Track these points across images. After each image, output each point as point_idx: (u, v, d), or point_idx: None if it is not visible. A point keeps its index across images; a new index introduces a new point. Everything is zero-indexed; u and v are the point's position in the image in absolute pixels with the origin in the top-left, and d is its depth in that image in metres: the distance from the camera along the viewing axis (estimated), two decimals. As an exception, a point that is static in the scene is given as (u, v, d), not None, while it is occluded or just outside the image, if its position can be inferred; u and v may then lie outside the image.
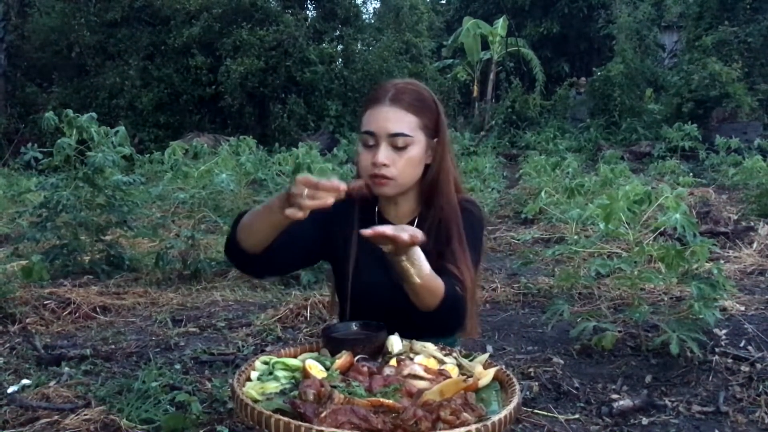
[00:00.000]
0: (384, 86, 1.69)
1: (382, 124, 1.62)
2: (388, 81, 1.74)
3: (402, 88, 1.66)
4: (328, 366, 1.38)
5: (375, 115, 1.64)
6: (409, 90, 1.66)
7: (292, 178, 3.88)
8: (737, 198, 8.44)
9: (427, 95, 1.69)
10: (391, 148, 1.61)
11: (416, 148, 1.64)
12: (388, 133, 1.61)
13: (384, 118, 1.62)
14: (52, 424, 2.63)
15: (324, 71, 16.76)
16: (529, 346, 3.69)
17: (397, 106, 1.63)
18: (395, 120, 1.62)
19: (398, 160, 1.62)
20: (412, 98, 1.65)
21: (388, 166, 1.61)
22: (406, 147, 1.62)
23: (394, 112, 1.62)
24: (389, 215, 1.75)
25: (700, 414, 2.80)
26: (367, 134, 1.63)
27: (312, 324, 4.00)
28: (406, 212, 1.75)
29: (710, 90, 14.12)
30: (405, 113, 1.63)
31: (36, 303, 4.20)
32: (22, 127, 16.56)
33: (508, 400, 1.28)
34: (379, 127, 1.62)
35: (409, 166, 1.64)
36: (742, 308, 4.10)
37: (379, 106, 1.64)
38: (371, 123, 1.64)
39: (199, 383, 3.07)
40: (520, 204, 8.11)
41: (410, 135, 1.62)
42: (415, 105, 1.64)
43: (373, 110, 1.65)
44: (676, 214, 3.15)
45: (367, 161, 1.64)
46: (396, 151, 1.62)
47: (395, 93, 1.64)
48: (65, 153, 5.10)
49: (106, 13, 17.10)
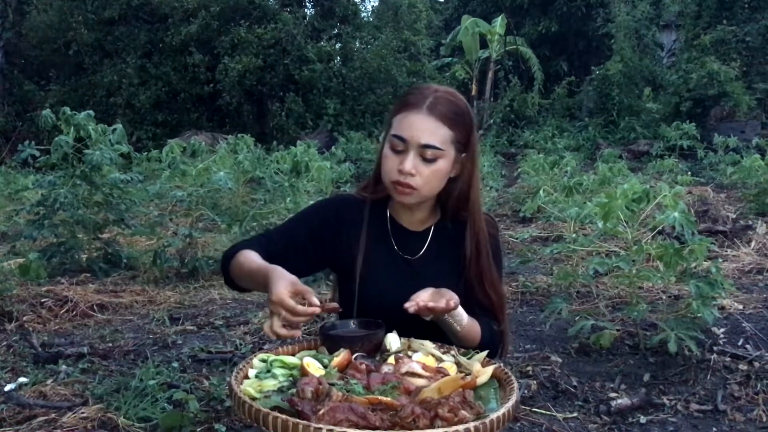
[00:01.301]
0: (423, 91, 1.61)
1: (416, 133, 1.55)
2: (427, 85, 1.67)
3: (441, 97, 1.59)
4: (326, 364, 1.38)
5: (409, 120, 1.57)
6: (447, 100, 1.60)
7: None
8: (735, 197, 8.45)
9: (465, 109, 1.63)
10: (420, 158, 1.56)
11: (444, 162, 1.59)
12: (419, 144, 1.55)
13: (418, 127, 1.56)
14: (49, 422, 2.62)
15: (322, 69, 16.75)
16: (527, 344, 3.69)
17: (434, 117, 1.56)
18: (429, 131, 1.56)
19: (425, 171, 1.57)
20: (448, 110, 1.58)
21: (413, 175, 1.56)
22: (435, 159, 1.57)
23: (429, 122, 1.56)
24: (402, 220, 1.71)
25: (698, 412, 2.80)
26: (398, 139, 1.57)
27: (310, 322, 3.99)
28: (420, 220, 1.71)
29: (708, 89, 14.14)
30: (440, 125, 1.56)
31: (33, 301, 4.20)
32: (20, 125, 16.55)
33: (507, 397, 1.27)
34: (412, 135, 1.56)
35: (434, 179, 1.59)
36: (740, 307, 4.11)
37: (415, 113, 1.57)
38: (404, 129, 1.57)
39: (196, 381, 3.06)
40: (519, 203, 8.12)
41: (441, 149, 1.56)
42: (450, 118, 1.58)
43: (407, 114, 1.58)
44: (674, 212, 3.15)
45: (393, 166, 1.58)
46: (424, 162, 1.56)
47: (433, 101, 1.57)
48: (63, 151, 5.09)
49: (103, 11, 17.09)
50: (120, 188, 5.40)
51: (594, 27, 19.57)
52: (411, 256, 1.68)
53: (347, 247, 1.68)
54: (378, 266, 1.67)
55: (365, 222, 1.68)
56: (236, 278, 1.65)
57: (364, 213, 1.69)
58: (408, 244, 1.69)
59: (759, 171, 7.87)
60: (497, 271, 1.71)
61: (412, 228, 1.70)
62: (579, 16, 20.58)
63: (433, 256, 1.68)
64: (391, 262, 1.68)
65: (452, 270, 1.67)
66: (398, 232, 1.70)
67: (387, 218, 1.71)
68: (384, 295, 1.63)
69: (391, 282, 1.64)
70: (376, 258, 1.67)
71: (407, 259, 1.67)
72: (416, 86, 1.70)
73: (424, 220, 1.72)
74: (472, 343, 1.58)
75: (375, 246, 1.67)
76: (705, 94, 14.23)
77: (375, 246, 1.67)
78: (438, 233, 1.69)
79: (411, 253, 1.68)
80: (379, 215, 1.71)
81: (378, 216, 1.70)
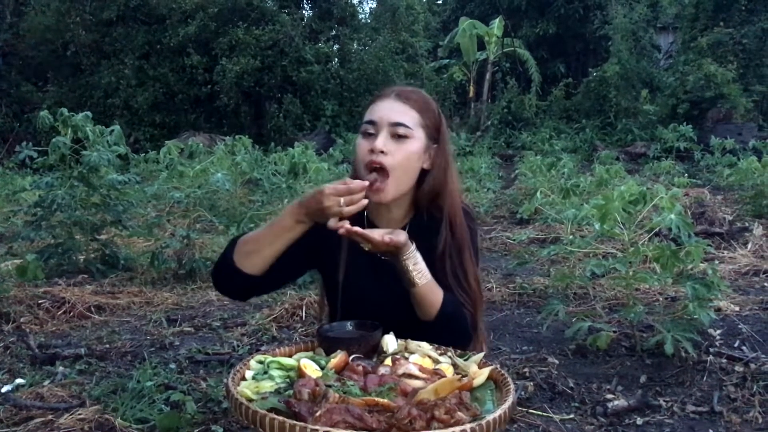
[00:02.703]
0: (390, 86, 1.72)
1: (385, 113, 1.63)
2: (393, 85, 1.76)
3: (407, 89, 1.69)
4: (323, 365, 1.38)
5: (378, 106, 1.66)
6: (414, 91, 1.70)
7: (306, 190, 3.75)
8: (732, 199, 8.46)
9: (432, 102, 1.71)
10: (391, 137, 1.61)
11: (415, 144, 1.62)
12: (389, 122, 1.61)
13: (387, 108, 1.64)
14: (46, 423, 2.62)
15: (320, 71, 16.76)
16: (524, 345, 3.70)
17: (401, 101, 1.65)
18: (398, 111, 1.63)
19: (396, 151, 1.60)
20: (416, 97, 1.67)
21: (385, 153, 1.59)
22: (406, 138, 1.61)
23: (398, 104, 1.64)
24: (380, 221, 1.72)
25: (694, 414, 2.81)
26: (368, 123, 1.64)
27: (307, 323, 4.00)
28: (397, 217, 1.72)
29: (705, 91, 14.17)
30: (408, 108, 1.64)
31: (30, 302, 4.19)
32: (17, 126, 16.53)
33: (503, 399, 1.27)
34: (381, 116, 1.63)
35: (405, 160, 1.61)
36: (736, 308, 4.11)
37: (383, 100, 1.66)
38: (373, 113, 1.65)
39: (194, 383, 3.06)
40: (516, 204, 8.12)
41: (411, 127, 1.62)
42: (419, 103, 1.66)
43: (376, 104, 1.67)
44: (671, 214, 3.16)
45: (364, 149, 1.62)
46: (395, 141, 1.60)
47: (401, 91, 1.67)
48: (60, 152, 5.09)
49: (101, 12, 17.08)
50: (117, 189, 5.40)
51: (591, 29, 19.62)
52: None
53: (331, 253, 1.70)
54: (359, 271, 1.68)
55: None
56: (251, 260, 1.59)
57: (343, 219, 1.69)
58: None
59: (755, 173, 7.89)
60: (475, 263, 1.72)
61: (389, 227, 1.69)
62: (576, 18, 20.62)
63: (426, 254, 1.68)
64: (371, 265, 1.68)
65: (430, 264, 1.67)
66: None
67: (365, 222, 1.70)
68: (365, 298, 1.65)
69: (372, 285, 1.66)
70: (357, 263, 1.68)
71: (386, 261, 1.66)
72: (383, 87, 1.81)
73: (402, 218, 1.72)
74: (430, 307, 1.57)
75: (355, 251, 1.66)
76: (702, 96, 14.26)
77: (355, 251, 1.66)
78: (414, 229, 1.69)
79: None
80: (358, 219, 1.69)
81: (356, 221, 1.68)
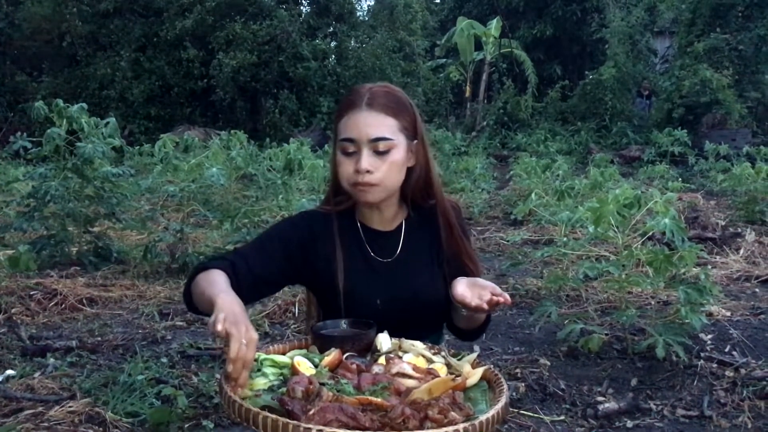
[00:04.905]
0: (357, 90, 1.61)
1: (363, 129, 1.54)
2: (361, 85, 1.66)
3: (376, 91, 1.59)
4: (317, 363, 1.38)
5: (353, 120, 1.56)
6: (383, 92, 1.59)
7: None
8: (725, 204, 8.50)
9: (402, 96, 1.63)
10: (373, 154, 1.55)
11: (399, 152, 1.58)
12: (369, 138, 1.54)
13: (363, 123, 1.55)
14: (36, 415, 2.61)
15: (317, 67, 16.73)
16: (516, 346, 3.70)
17: (375, 110, 1.56)
18: (375, 125, 1.55)
19: (381, 165, 1.55)
20: (387, 100, 1.58)
21: (371, 172, 1.54)
22: (388, 151, 1.56)
23: (372, 116, 1.55)
24: (372, 223, 1.69)
25: (684, 418, 2.82)
26: (347, 141, 1.56)
27: (300, 321, 3.99)
28: (390, 217, 1.70)
29: (701, 96, 14.23)
30: (384, 116, 1.56)
31: (22, 293, 4.17)
32: (11, 116, 16.45)
33: (496, 399, 1.28)
34: (360, 133, 1.55)
35: (392, 170, 1.58)
36: (728, 314, 4.13)
37: (356, 112, 1.56)
38: (350, 129, 1.56)
39: (185, 377, 3.06)
40: (510, 205, 8.13)
41: (392, 138, 1.55)
42: (392, 107, 1.58)
43: (349, 116, 1.57)
44: (665, 218, 3.17)
45: (349, 170, 1.57)
46: (378, 156, 1.55)
47: (371, 96, 1.57)
48: (54, 143, 5.06)
49: (98, 3, 17.02)
50: (111, 182, 5.38)
51: (588, 32, 19.68)
52: (389, 258, 1.66)
53: (325, 263, 1.65)
54: (359, 277, 1.64)
55: (336, 235, 1.65)
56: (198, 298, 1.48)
57: (333, 227, 1.66)
58: (383, 247, 1.67)
59: (749, 179, 7.92)
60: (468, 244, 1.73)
61: (384, 228, 1.69)
62: (574, 20, 20.67)
63: (410, 252, 1.68)
64: (371, 269, 1.66)
65: (431, 259, 1.68)
66: (371, 237, 1.68)
67: (357, 226, 1.69)
68: (370, 303, 1.62)
69: (375, 290, 1.63)
70: (356, 269, 1.64)
71: (386, 263, 1.65)
72: (352, 88, 1.69)
73: (394, 217, 1.70)
74: (476, 322, 1.64)
75: (351, 257, 1.64)
76: (697, 101, 14.31)
77: (351, 257, 1.64)
78: (409, 228, 1.69)
79: (388, 254, 1.67)
80: (349, 225, 1.68)
81: (348, 226, 1.68)
